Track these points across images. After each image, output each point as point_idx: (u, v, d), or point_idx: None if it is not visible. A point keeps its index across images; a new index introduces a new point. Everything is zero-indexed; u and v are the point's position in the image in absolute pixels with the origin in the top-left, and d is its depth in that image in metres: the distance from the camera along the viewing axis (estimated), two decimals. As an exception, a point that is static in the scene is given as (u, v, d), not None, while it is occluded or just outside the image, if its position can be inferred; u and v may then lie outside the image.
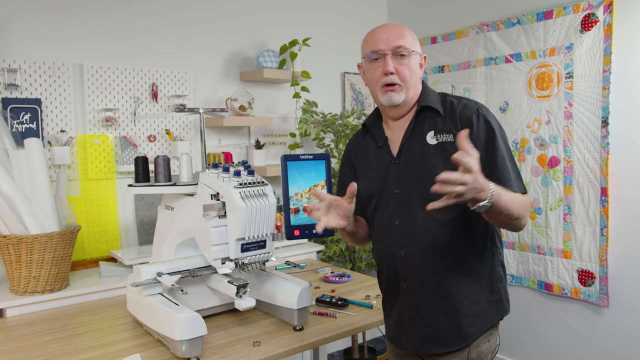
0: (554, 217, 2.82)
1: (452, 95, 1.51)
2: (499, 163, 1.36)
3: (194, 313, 1.51)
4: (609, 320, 2.66)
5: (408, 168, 1.45)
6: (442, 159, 1.39)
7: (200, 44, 2.88)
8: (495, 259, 1.48)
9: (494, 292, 1.46)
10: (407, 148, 1.46)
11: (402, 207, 1.45)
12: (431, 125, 1.44)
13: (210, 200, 1.69)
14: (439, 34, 3.36)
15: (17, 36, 2.33)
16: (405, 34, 1.45)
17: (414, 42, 1.46)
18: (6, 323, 1.89)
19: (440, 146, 1.41)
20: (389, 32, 1.44)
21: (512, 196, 1.29)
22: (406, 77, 1.43)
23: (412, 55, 1.43)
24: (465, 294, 1.42)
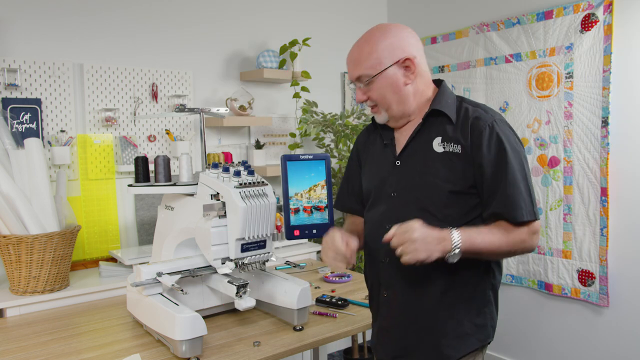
0: (554, 217, 2.82)
1: (470, 102, 1.41)
2: (507, 187, 1.27)
3: (194, 313, 1.51)
4: (609, 320, 2.66)
5: (408, 172, 1.39)
6: (446, 169, 1.32)
7: (200, 44, 2.88)
8: (487, 282, 1.40)
9: (480, 316, 1.37)
10: (410, 151, 1.40)
11: (396, 212, 1.39)
12: (440, 131, 1.37)
13: (210, 200, 1.69)
14: (439, 34, 3.36)
15: (17, 36, 2.33)
16: (363, 59, 1.35)
17: (377, 60, 1.34)
18: (6, 323, 1.89)
19: (445, 155, 1.34)
20: (351, 58, 1.39)
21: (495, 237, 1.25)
22: (377, 100, 1.38)
23: (376, 78, 1.35)
24: (448, 313, 1.35)
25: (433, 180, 1.33)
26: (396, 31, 1.37)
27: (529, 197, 1.29)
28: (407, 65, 1.36)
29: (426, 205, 1.34)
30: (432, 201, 1.33)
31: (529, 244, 1.31)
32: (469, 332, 1.35)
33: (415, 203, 1.36)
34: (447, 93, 1.42)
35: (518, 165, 1.29)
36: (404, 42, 1.36)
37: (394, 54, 1.35)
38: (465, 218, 1.32)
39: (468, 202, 1.33)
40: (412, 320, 1.38)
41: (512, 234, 1.28)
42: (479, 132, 1.31)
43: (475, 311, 1.37)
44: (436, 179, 1.33)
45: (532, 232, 1.30)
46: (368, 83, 1.36)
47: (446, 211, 1.32)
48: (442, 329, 1.35)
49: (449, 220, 1.30)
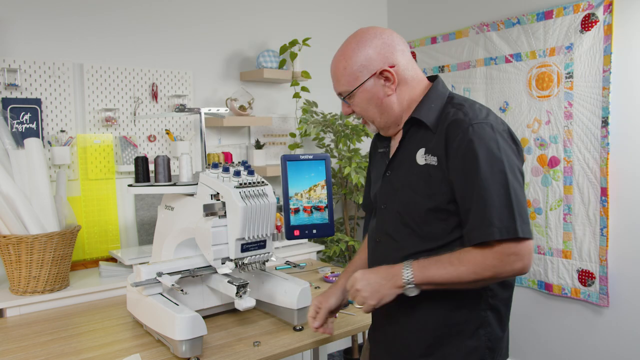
0: (554, 217, 2.82)
1: (457, 103, 1.28)
2: (477, 199, 1.13)
3: (194, 313, 1.51)
4: (609, 320, 2.66)
5: (395, 184, 1.33)
6: (424, 184, 1.23)
7: (200, 44, 2.88)
8: (481, 301, 1.25)
9: (473, 338, 1.25)
10: (397, 162, 1.34)
11: (385, 225, 1.35)
12: (422, 141, 1.27)
13: (210, 200, 1.69)
14: (439, 34, 3.36)
15: (17, 36, 2.33)
16: (339, 75, 1.31)
17: (352, 75, 1.29)
18: (6, 323, 1.89)
19: (425, 168, 1.24)
20: (331, 76, 1.36)
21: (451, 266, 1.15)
22: (360, 113, 1.36)
23: (355, 93, 1.31)
24: (434, 333, 1.27)
25: (413, 196, 1.26)
26: (373, 40, 1.28)
27: (508, 211, 1.12)
28: (386, 77, 1.28)
29: (408, 221, 1.28)
30: (412, 217, 1.27)
31: (502, 269, 1.13)
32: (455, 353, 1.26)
33: (399, 218, 1.30)
34: (435, 95, 1.31)
35: (495, 175, 1.13)
36: (383, 51, 1.28)
37: (370, 67, 1.27)
38: (450, 236, 1.23)
39: (449, 220, 1.22)
40: (398, 338, 1.34)
41: (477, 259, 1.14)
42: (452, 140, 1.19)
43: (465, 333, 1.25)
44: (415, 194, 1.25)
45: (508, 254, 1.11)
46: (349, 98, 1.33)
47: (426, 228, 1.25)
48: (426, 349, 1.28)
49: (431, 237, 1.24)
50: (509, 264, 1.12)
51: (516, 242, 1.12)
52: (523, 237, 1.11)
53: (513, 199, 1.12)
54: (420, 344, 1.29)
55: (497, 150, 1.15)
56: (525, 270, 1.14)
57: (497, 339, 1.28)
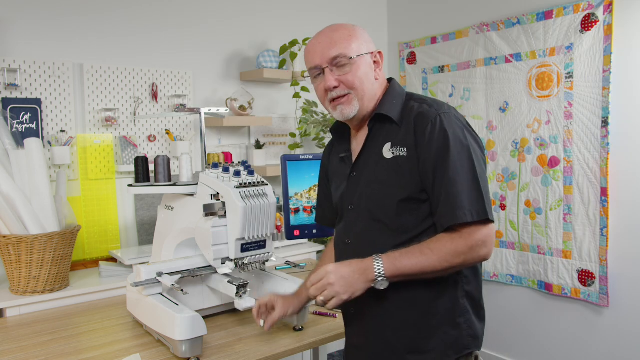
0: (554, 217, 2.82)
1: (418, 98, 1.32)
2: (448, 185, 1.17)
3: (194, 313, 1.51)
4: (609, 320, 2.66)
5: (362, 183, 1.32)
6: (395, 175, 1.25)
7: (200, 44, 2.88)
8: (458, 289, 1.27)
9: (455, 327, 1.27)
10: (363, 161, 1.34)
11: (354, 226, 1.34)
12: (389, 136, 1.29)
13: (210, 200, 1.69)
14: (439, 34, 3.36)
15: (17, 36, 2.33)
16: (343, 38, 1.27)
17: (356, 43, 1.28)
18: (6, 323, 1.89)
19: (394, 161, 1.26)
20: (322, 42, 1.29)
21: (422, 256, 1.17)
22: (353, 84, 1.28)
23: (356, 60, 1.27)
24: (417, 328, 1.27)
25: (383, 189, 1.27)
26: (362, 30, 1.34)
27: (479, 195, 1.17)
28: (376, 60, 1.32)
29: (379, 216, 1.28)
30: (384, 211, 1.27)
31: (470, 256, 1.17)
32: (440, 345, 1.27)
33: (369, 215, 1.30)
34: (394, 93, 1.34)
35: (463, 162, 1.19)
36: (371, 41, 1.35)
37: (369, 44, 1.31)
38: (420, 227, 1.25)
39: (421, 209, 1.24)
40: (380, 338, 1.32)
41: (447, 247, 1.17)
42: (421, 129, 1.22)
43: (449, 322, 1.27)
44: (386, 187, 1.26)
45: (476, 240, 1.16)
46: (344, 65, 1.26)
47: (399, 221, 1.26)
48: (411, 344, 1.28)
49: (403, 230, 1.25)
50: (476, 250, 1.17)
51: (483, 226, 1.18)
52: (491, 219, 1.18)
53: (481, 183, 1.19)
54: (404, 341, 1.29)
55: (464, 138, 1.22)
56: (488, 256, 1.20)
57: (476, 327, 1.30)
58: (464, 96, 3.23)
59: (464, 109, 3.22)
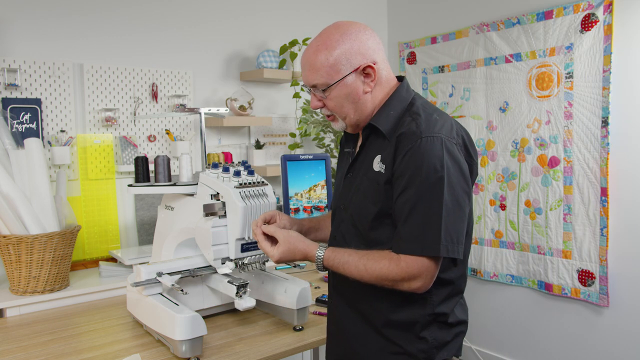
0: (554, 217, 2.82)
1: (415, 112, 1.25)
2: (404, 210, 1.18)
3: (194, 313, 1.51)
4: (609, 321, 2.66)
5: (352, 188, 1.34)
6: (373, 190, 1.25)
7: (200, 44, 2.88)
8: (425, 307, 1.26)
9: (420, 341, 1.27)
10: (357, 165, 1.35)
11: (340, 225, 1.38)
12: (380, 149, 1.27)
13: (210, 200, 1.69)
14: (439, 34, 3.36)
15: (17, 36, 2.33)
16: (319, 65, 1.24)
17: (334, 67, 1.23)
18: (6, 323, 1.89)
19: (377, 175, 1.26)
20: (305, 65, 1.28)
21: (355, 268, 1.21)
22: (334, 109, 1.30)
23: (333, 88, 1.26)
24: (382, 331, 1.30)
25: (363, 200, 1.29)
26: (356, 33, 1.25)
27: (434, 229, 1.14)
28: (367, 73, 1.26)
29: (357, 224, 1.31)
30: (361, 221, 1.30)
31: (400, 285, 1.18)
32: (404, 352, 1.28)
33: (351, 220, 1.33)
34: (396, 100, 1.30)
35: (432, 193, 1.15)
36: (365, 46, 1.25)
37: (353, 61, 1.24)
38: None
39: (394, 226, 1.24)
40: (352, 331, 1.37)
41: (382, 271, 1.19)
42: (400, 150, 1.19)
43: (413, 334, 1.27)
44: (365, 199, 1.28)
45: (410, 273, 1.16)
46: (324, 91, 1.28)
47: (373, 233, 1.27)
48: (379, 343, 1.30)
49: (377, 242, 1.26)
50: (407, 281, 1.18)
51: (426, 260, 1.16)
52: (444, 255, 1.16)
53: (443, 218, 1.14)
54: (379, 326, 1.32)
55: (439, 167, 1.16)
56: (421, 290, 1.19)
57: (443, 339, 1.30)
58: (464, 96, 3.23)
59: (464, 109, 3.22)
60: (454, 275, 1.30)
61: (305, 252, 1.32)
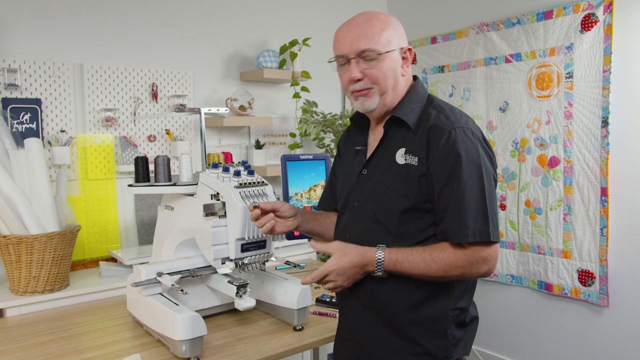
0: (554, 217, 2.82)
1: (438, 105, 1.29)
2: (455, 204, 1.18)
3: (194, 313, 1.51)
4: (609, 320, 2.66)
5: (371, 183, 1.31)
6: (402, 183, 1.25)
7: (200, 44, 2.88)
8: (448, 301, 1.28)
9: (442, 338, 1.28)
10: (376, 160, 1.33)
11: (356, 222, 1.35)
12: (404, 142, 1.28)
13: (210, 200, 1.69)
14: (439, 34, 3.36)
15: (17, 36, 2.33)
16: (375, 31, 1.25)
17: (388, 37, 1.25)
18: (6, 323, 1.89)
19: (404, 168, 1.25)
20: (354, 32, 1.27)
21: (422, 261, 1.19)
22: (377, 79, 1.27)
23: (384, 56, 1.25)
24: (403, 330, 1.29)
25: (389, 194, 1.27)
26: (397, 21, 1.32)
27: (483, 217, 1.17)
28: (405, 56, 1.31)
29: (381, 219, 1.29)
30: (387, 216, 1.28)
31: (469, 271, 1.19)
32: (425, 352, 1.28)
33: (372, 215, 1.31)
34: (415, 96, 1.32)
35: (473, 180, 1.18)
36: (404, 33, 1.33)
37: (400, 39, 1.29)
38: (421, 235, 1.26)
39: (424, 219, 1.25)
40: (368, 334, 1.34)
41: (449, 259, 1.19)
42: (434, 141, 1.21)
43: (436, 333, 1.28)
44: (392, 192, 1.26)
45: (477, 258, 1.18)
46: (371, 59, 1.25)
47: (401, 227, 1.26)
48: (397, 344, 1.29)
49: (404, 236, 1.26)
50: (476, 267, 1.19)
51: (486, 245, 1.18)
52: (494, 241, 1.18)
53: (488, 204, 1.18)
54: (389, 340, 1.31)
55: (476, 156, 1.20)
56: (489, 273, 1.22)
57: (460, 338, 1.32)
58: (464, 96, 3.23)
59: (464, 109, 3.21)
60: None
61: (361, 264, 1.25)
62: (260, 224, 1.41)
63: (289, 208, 1.45)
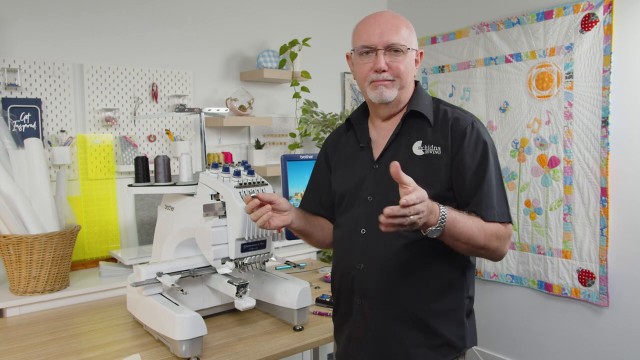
0: (554, 217, 2.82)
1: (447, 104, 1.41)
2: (485, 186, 1.29)
3: (194, 313, 1.51)
4: (609, 320, 2.66)
5: (387, 176, 1.27)
6: (425, 173, 1.30)
7: (200, 44, 2.88)
8: (464, 290, 1.37)
9: (460, 327, 1.35)
10: (390, 154, 1.35)
11: (372, 217, 1.30)
12: (420, 135, 1.35)
13: (210, 200, 1.69)
14: (439, 34, 3.36)
15: (17, 36, 2.33)
16: (402, 28, 1.35)
17: (410, 37, 1.36)
18: (6, 323, 1.89)
19: (425, 158, 1.32)
20: (383, 25, 1.34)
21: (474, 223, 1.23)
22: (401, 72, 1.34)
23: (407, 52, 1.34)
24: (425, 323, 1.31)
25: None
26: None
27: (504, 200, 1.32)
28: (417, 59, 1.40)
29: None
30: None
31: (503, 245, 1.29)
32: (446, 343, 1.32)
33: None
34: (424, 94, 1.43)
35: (496, 168, 1.32)
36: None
37: (416, 41, 1.40)
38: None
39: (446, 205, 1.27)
40: (387, 331, 1.33)
41: (494, 229, 1.27)
42: (461, 133, 1.32)
43: (455, 322, 1.34)
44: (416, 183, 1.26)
45: (504, 235, 1.29)
46: (399, 54, 1.33)
47: None
48: (417, 339, 1.31)
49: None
50: (506, 242, 1.30)
51: (508, 226, 1.31)
52: (510, 221, 1.32)
53: (503, 188, 1.34)
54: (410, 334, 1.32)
55: (493, 146, 1.35)
56: (504, 254, 1.33)
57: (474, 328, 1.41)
58: (464, 96, 3.23)
59: (464, 109, 3.21)
60: (473, 259, 1.42)
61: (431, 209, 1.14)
62: (255, 217, 1.35)
63: (285, 202, 1.44)
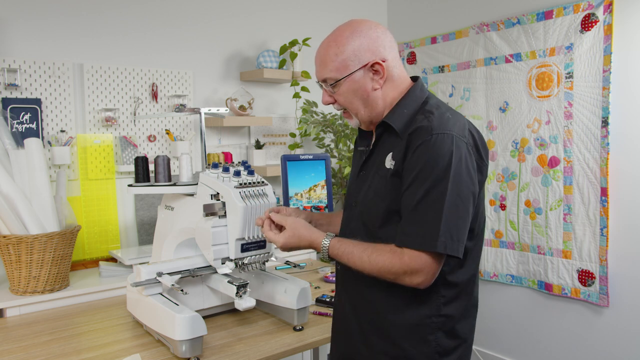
0: (554, 217, 2.82)
1: (428, 110, 1.26)
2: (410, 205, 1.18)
3: (194, 313, 1.51)
4: (609, 321, 2.66)
5: (365, 185, 1.34)
6: (385, 186, 1.26)
7: (200, 44, 2.88)
8: (432, 307, 1.26)
9: (425, 343, 1.26)
10: (370, 163, 1.36)
11: (350, 222, 1.39)
12: (392, 146, 1.28)
13: (210, 200, 1.69)
14: (439, 34, 3.36)
15: (17, 36, 2.33)
16: (329, 60, 1.28)
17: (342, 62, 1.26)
18: (6, 323, 1.89)
19: (388, 172, 1.26)
20: (317, 59, 1.32)
21: (361, 257, 1.22)
22: (344, 104, 1.33)
23: (341, 83, 1.28)
24: (387, 333, 1.29)
25: (374, 197, 1.29)
26: (367, 31, 1.27)
27: (433, 225, 1.14)
28: (375, 70, 1.28)
29: (366, 222, 1.32)
30: (370, 219, 1.30)
31: (402, 279, 1.18)
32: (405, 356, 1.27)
33: (360, 217, 1.33)
34: (410, 99, 1.31)
35: (435, 188, 1.15)
36: (375, 44, 1.27)
37: (362, 57, 1.26)
38: None
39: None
40: (351, 332, 1.37)
41: (384, 263, 1.19)
42: (412, 146, 1.20)
43: (418, 337, 1.26)
44: (377, 196, 1.28)
45: (412, 267, 1.16)
46: (334, 86, 1.30)
47: (382, 230, 1.27)
48: (380, 346, 1.30)
49: (385, 239, 1.25)
50: (408, 275, 1.18)
51: (427, 255, 1.16)
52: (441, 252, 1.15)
53: (446, 214, 1.14)
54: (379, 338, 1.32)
55: (447, 164, 1.16)
56: (422, 285, 1.19)
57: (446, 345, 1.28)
58: (463, 96, 3.23)
59: (464, 109, 3.22)
60: (460, 278, 1.29)
61: (311, 240, 1.33)
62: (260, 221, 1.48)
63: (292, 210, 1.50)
